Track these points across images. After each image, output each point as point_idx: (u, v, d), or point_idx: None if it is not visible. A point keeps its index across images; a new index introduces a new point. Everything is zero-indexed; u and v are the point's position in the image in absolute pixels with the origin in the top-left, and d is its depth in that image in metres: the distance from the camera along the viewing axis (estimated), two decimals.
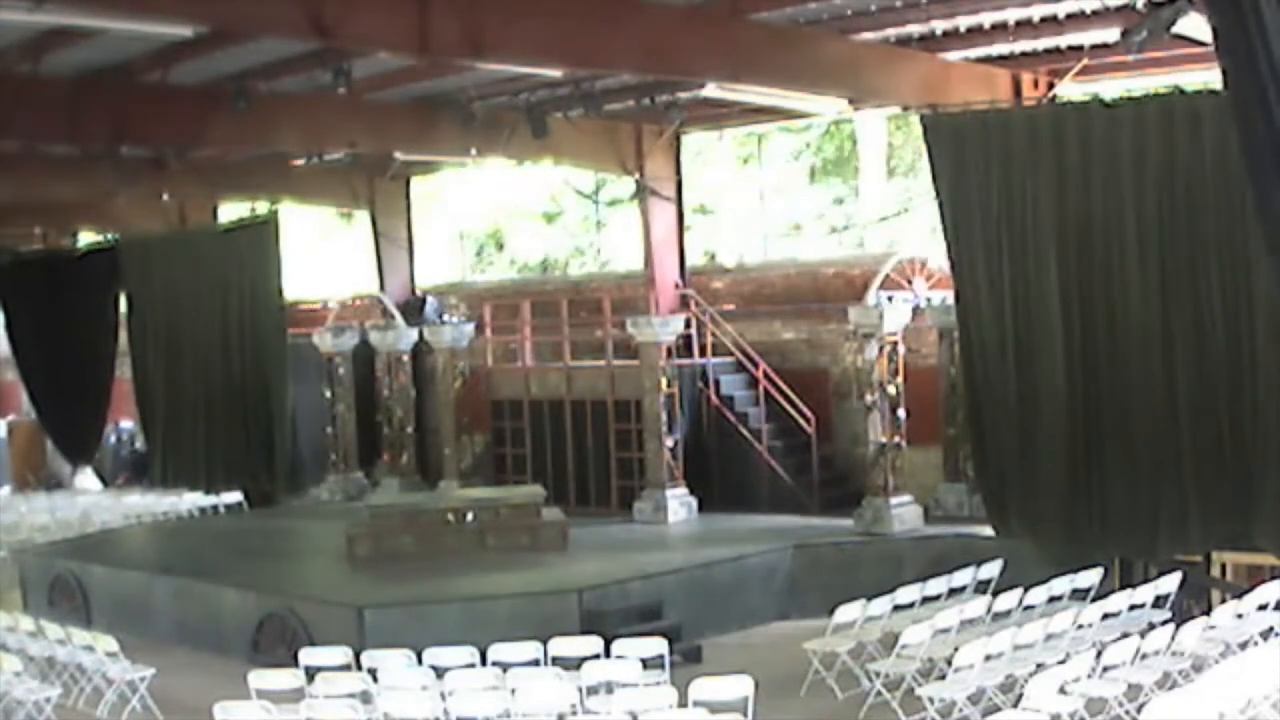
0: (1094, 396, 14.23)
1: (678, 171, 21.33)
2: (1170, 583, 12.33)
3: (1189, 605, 12.44)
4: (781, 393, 18.96)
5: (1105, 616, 11.73)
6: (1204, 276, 13.42)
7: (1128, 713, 10.05)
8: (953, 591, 13.22)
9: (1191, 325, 13.51)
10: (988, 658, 10.65)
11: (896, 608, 12.68)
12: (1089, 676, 9.98)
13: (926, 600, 13.01)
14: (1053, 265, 14.42)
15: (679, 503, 18.11)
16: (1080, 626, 11.43)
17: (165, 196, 24.87)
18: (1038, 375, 14.60)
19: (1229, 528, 13.18)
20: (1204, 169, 13.28)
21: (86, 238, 28.98)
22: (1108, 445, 14.13)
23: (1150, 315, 13.75)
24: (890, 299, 16.70)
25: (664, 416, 18.10)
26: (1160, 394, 13.69)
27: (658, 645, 11.31)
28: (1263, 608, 11.49)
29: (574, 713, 10.10)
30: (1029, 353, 14.67)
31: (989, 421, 15.09)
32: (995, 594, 12.43)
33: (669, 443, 18.15)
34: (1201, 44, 13.69)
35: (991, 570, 13.47)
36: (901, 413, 16.54)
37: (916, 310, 16.88)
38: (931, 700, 10.48)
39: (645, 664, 10.95)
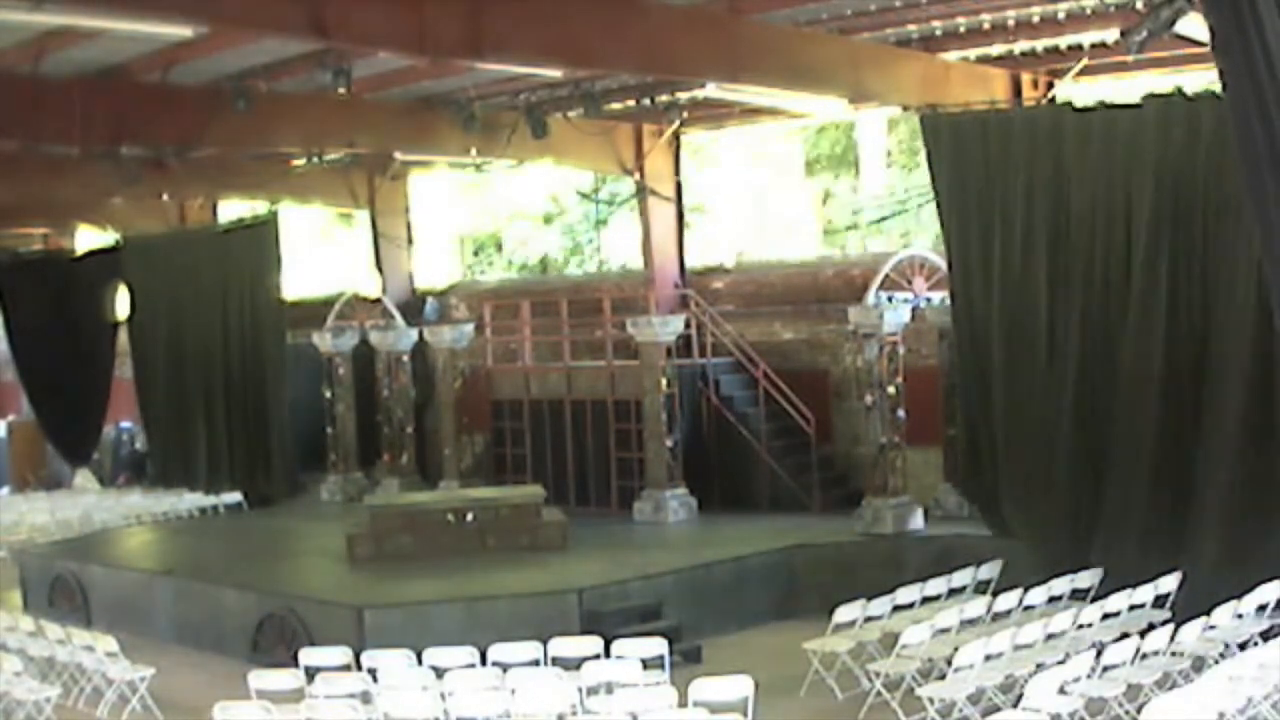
0: (1088, 397, 14.22)
1: (677, 171, 21.37)
2: (1170, 583, 12.33)
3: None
4: (781, 393, 18.94)
5: (1105, 616, 11.71)
6: (1200, 278, 13.42)
7: (1128, 713, 10.05)
8: (953, 591, 13.21)
9: (1186, 328, 13.51)
10: (988, 658, 10.64)
11: (896, 608, 12.67)
12: (1089, 676, 9.97)
13: (926, 600, 12.99)
14: (1050, 266, 14.42)
15: (679, 503, 18.08)
16: (1080, 626, 11.43)
17: (165, 196, 24.95)
18: (1032, 375, 14.61)
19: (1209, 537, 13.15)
20: (1202, 170, 13.28)
21: (86, 238, 28.99)
22: (1100, 446, 14.12)
23: (1145, 317, 13.74)
24: (890, 299, 16.69)
25: (664, 416, 18.08)
26: (1154, 397, 13.68)
27: (658, 645, 11.29)
28: (1262, 608, 11.48)
29: (574, 713, 10.08)
30: (1025, 352, 14.68)
31: (983, 420, 15.11)
32: (995, 594, 12.41)
33: (669, 443, 18.12)
34: (1201, 44, 13.68)
35: (991, 570, 13.46)
36: (901, 413, 16.53)
37: (916, 310, 16.87)
38: (931, 700, 10.48)
39: (645, 664, 10.93)
